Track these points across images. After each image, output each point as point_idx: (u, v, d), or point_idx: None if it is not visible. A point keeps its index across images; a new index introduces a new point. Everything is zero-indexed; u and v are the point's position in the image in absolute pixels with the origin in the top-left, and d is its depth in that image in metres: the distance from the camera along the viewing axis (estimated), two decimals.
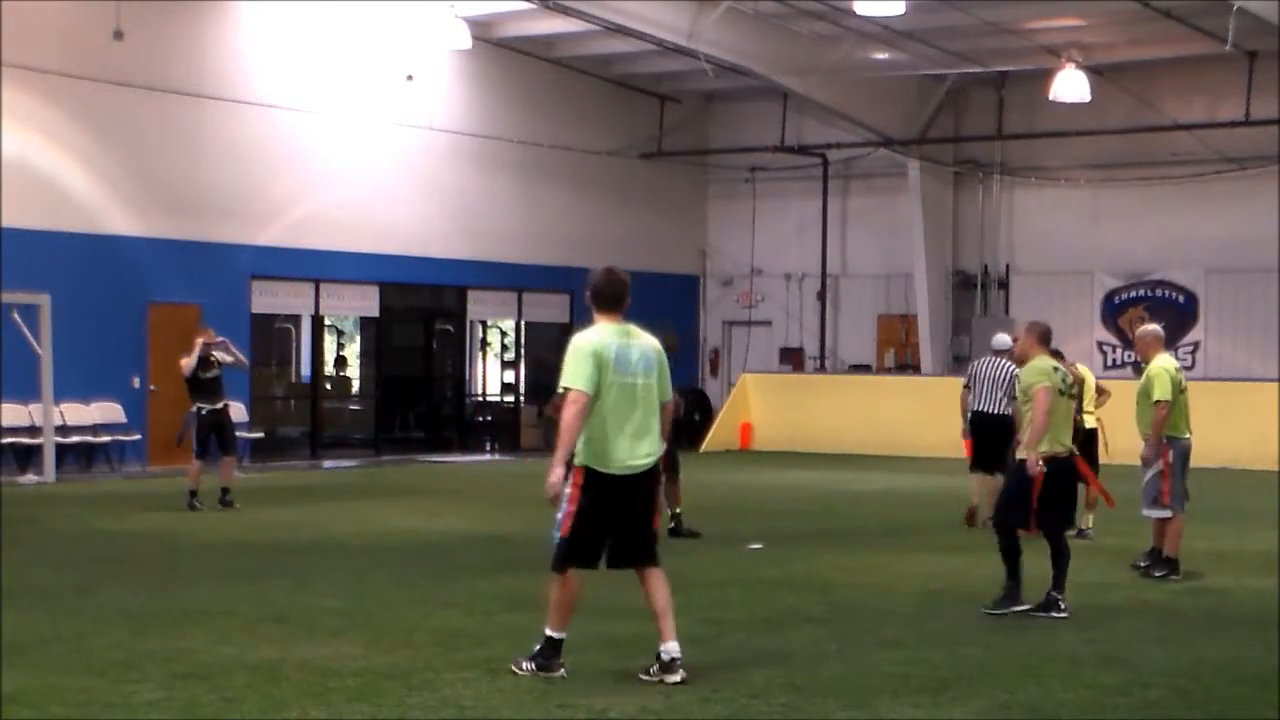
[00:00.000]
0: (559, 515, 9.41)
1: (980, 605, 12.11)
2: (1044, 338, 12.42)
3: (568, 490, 9.34)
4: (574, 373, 9.40)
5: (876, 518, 20.08)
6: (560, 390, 9.45)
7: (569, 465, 9.33)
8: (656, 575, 9.58)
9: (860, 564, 15.21)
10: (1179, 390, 14.09)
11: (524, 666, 9.49)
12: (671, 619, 9.47)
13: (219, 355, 20.42)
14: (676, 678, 9.28)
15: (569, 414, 9.28)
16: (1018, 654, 10.46)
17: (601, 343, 9.59)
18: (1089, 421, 16.89)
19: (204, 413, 20.00)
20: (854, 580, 14.07)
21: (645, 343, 9.91)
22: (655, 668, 9.39)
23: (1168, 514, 14.07)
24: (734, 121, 37.58)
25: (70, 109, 26.94)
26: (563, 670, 9.46)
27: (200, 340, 20.34)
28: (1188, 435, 14.26)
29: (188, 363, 20.10)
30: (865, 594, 13.25)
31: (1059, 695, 9.24)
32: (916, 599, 12.97)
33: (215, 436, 20.05)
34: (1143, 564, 14.38)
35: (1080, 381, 16.22)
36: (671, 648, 9.39)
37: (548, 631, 9.54)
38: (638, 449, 9.44)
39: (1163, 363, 14.21)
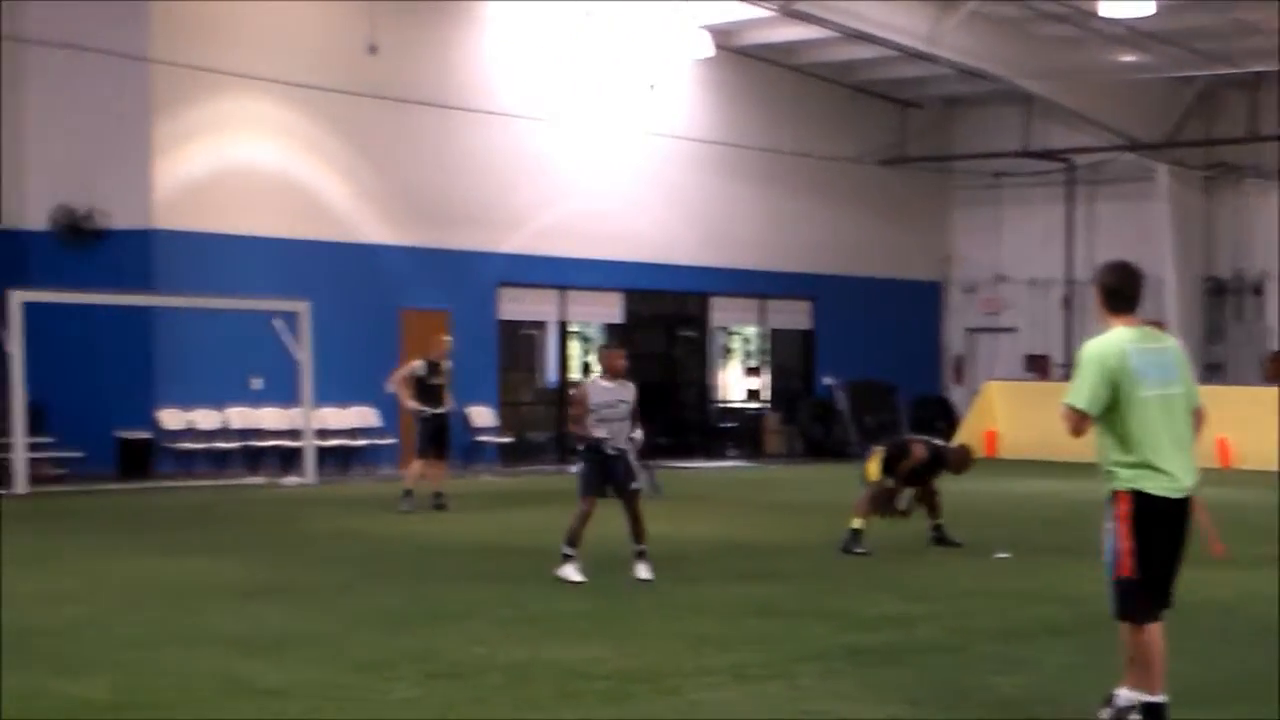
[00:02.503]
0: (1109, 554, 8.12)
1: None
2: None
3: (1110, 525, 8.05)
4: (1075, 387, 8.01)
5: None
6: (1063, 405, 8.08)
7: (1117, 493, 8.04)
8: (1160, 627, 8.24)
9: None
10: None
11: None
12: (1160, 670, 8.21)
13: (447, 365, 20.81)
14: None
15: (1067, 429, 8.08)
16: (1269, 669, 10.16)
17: (1112, 351, 8.02)
18: None
19: (427, 416, 20.39)
20: (1103, 591, 13.78)
21: (1166, 345, 8.25)
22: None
23: None
24: (977, 126, 37.19)
25: (329, 122, 27.64)
26: None
27: (417, 364, 20.66)
28: None
29: (404, 374, 20.57)
30: None
31: None
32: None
33: (436, 442, 20.41)
34: None
35: None
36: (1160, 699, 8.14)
37: (1142, 696, 8.13)
38: (1179, 467, 8.01)
39: None
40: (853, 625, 11.68)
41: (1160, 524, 7.99)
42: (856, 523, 16.05)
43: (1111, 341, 8.03)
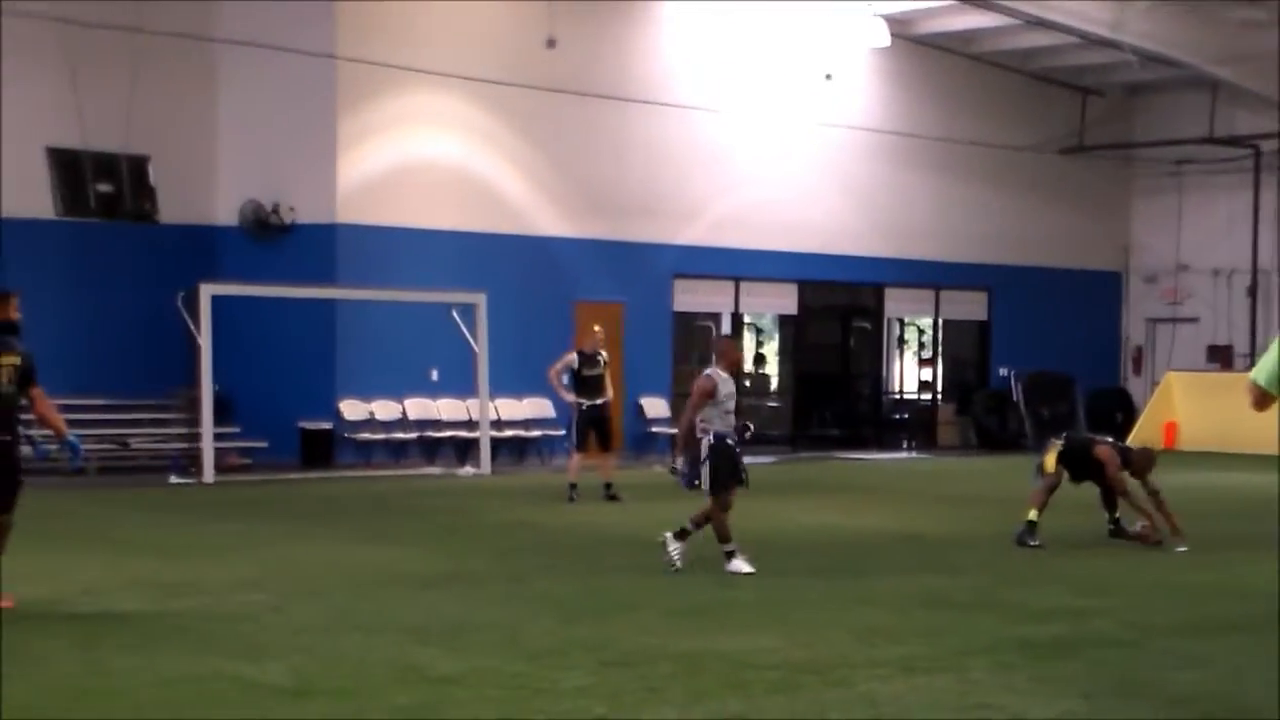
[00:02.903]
0: None
1: None
2: None
3: None
4: (1261, 362, 8.02)
5: None
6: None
7: None
8: None
9: None
10: None
11: None
12: None
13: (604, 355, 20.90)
14: None
15: (1250, 402, 8.01)
16: None
17: None
18: None
19: (584, 408, 20.46)
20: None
21: None
22: None
23: None
24: (1159, 114, 36.53)
25: (507, 116, 27.87)
26: None
27: (571, 356, 20.80)
28: None
29: (559, 368, 20.74)
30: None
31: None
32: None
33: (595, 432, 20.47)
34: None
35: None
36: None
37: None
38: None
39: None
40: (1025, 618, 11.61)
41: None
42: (1031, 514, 15.90)
43: None
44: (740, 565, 13.64)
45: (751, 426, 13.89)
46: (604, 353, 20.92)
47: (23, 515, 11.61)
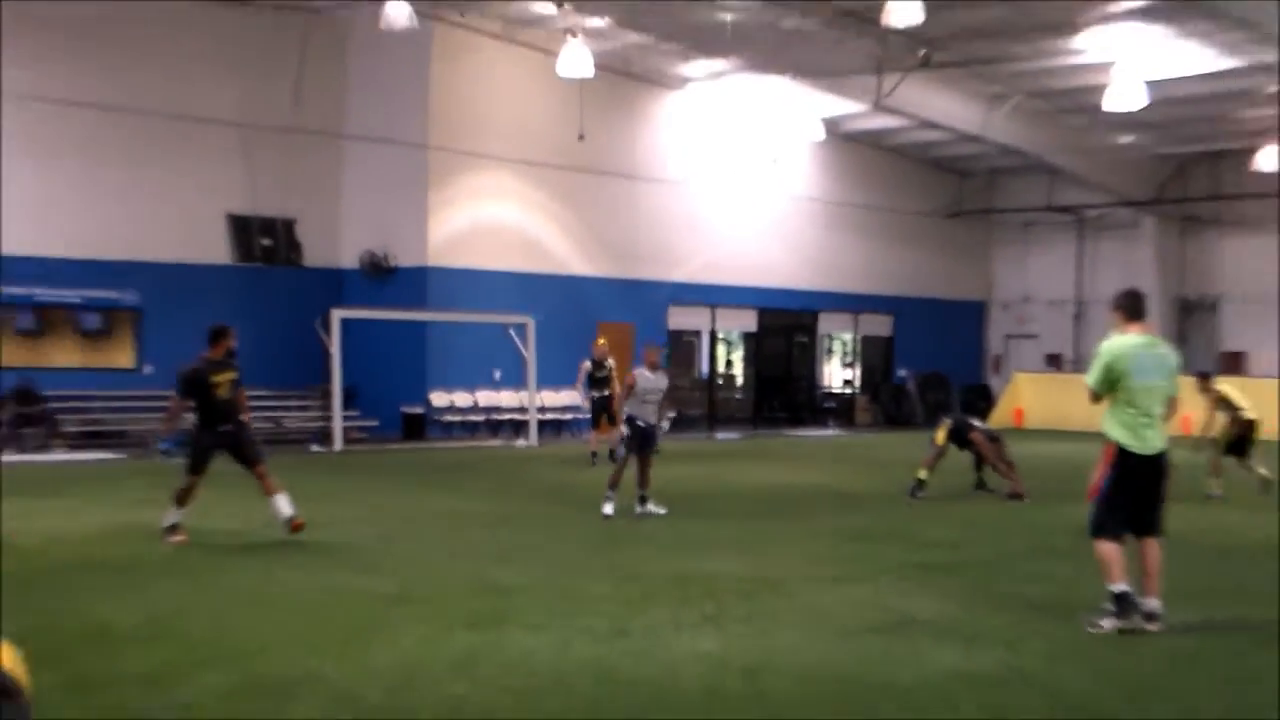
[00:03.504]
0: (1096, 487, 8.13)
1: None
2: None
3: (1101, 468, 8.12)
4: (1090, 372, 8.16)
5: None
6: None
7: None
8: (1154, 543, 8.15)
9: None
10: None
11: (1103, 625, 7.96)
12: (1158, 581, 8.08)
13: (611, 363, 20.91)
14: (1155, 627, 7.95)
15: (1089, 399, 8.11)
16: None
17: (1119, 351, 8.10)
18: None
19: (596, 399, 20.49)
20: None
21: (1162, 351, 8.29)
22: (1138, 617, 7.98)
23: None
24: (1013, 189, 36.62)
25: (551, 190, 27.93)
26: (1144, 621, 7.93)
27: (586, 363, 20.77)
28: None
29: (581, 376, 20.77)
30: None
31: None
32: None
33: (604, 415, 20.30)
34: None
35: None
36: (1155, 604, 8.04)
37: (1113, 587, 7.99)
38: (1152, 434, 8.06)
39: None
40: (918, 547, 11.67)
41: (1134, 472, 8.04)
42: (922, 474, 15.97)
43: (1122, 343, 8.11)
44: (607, 508, 13.28)
45: (674, 414, 13.58)
46: (610, 360, 20.92)
47: (211, 476, 11.71)
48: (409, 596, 8.94)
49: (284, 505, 11.46)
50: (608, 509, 13.29)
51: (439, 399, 26.44)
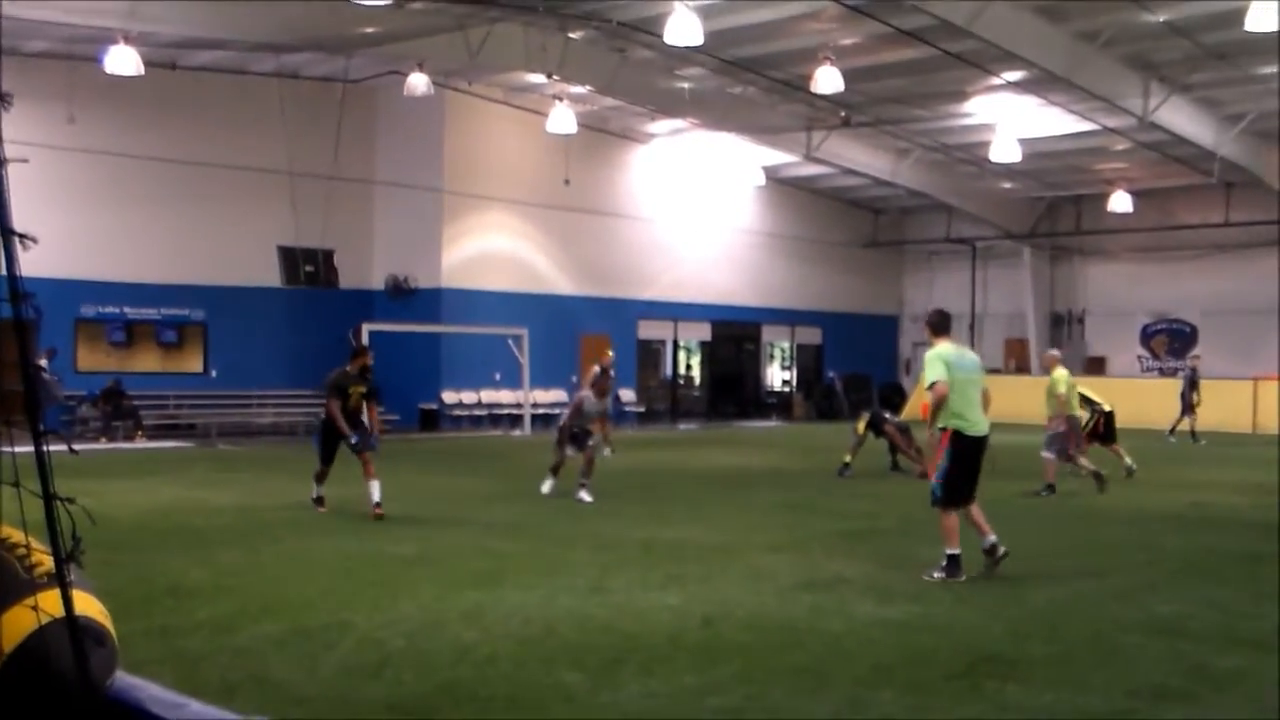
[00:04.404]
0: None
1: None
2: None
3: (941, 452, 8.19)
4: (930, 371, 8.25)
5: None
6: (928, 385, 8.22)
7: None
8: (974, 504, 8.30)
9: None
10: (1071, 386, 13.98)
11: (934, 575, 8.09)
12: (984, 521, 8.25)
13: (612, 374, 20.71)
14: (1004, 549, 8.16)
15: (935, 395, 8.18)
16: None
17: (947, 354, 8.28)
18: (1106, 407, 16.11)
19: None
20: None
21: (970, 353, 8.62)
22: (987, 563, 8.19)
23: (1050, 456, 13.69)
24: (919, 223, 36.63)
25: (539, 226, 27.82)
26: (963, 576, 8.03)
27: (595, 369, 20.51)
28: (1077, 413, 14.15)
29: (587, 381, 20.44)
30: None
31: None
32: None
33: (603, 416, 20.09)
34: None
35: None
36: (993, 537, 8.24)
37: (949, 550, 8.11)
38: (979, 420, 8.30)
39: (1060, 373, 14.08)
40: (841, 518, 11.60)
41: (967, 452, 8.20)
42: (847, 458, 15.94)
43: (944, 348, 8.29)
44: (546, 488, 12.98)
45: (611, 452, 13.16)
46: (612, 371, 20.72)
47: (276, 459, 11.59)
48: (426, 559, 8.86)
49: (375, 491, 11.15)
50: (546, 488, 13.03)
51: (450, 397, 26.31)
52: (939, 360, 8.18)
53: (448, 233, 26.36)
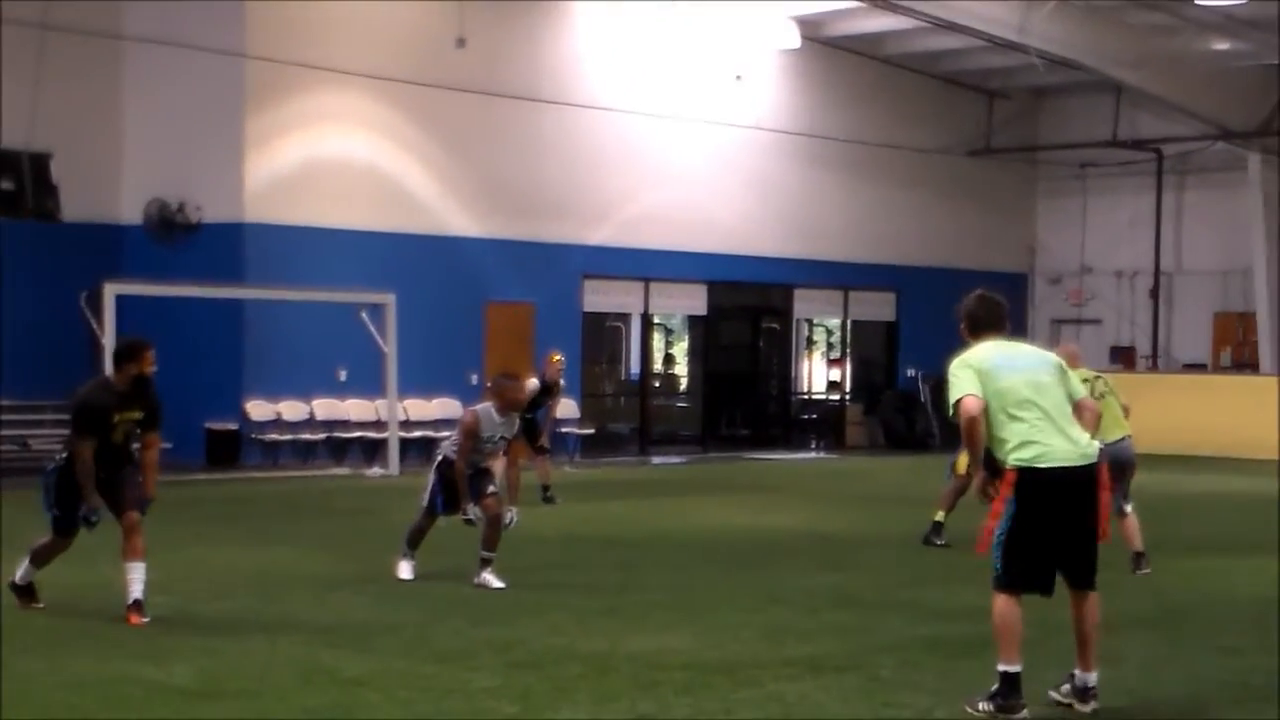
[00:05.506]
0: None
1: None
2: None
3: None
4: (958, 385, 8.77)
5: (1210, 520, 19.52)
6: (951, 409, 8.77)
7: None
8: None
9: (1193, 568, 14.77)
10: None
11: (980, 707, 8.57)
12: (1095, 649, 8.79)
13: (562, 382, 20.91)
14: (1088, 707, 8.64)
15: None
16: None
17: (982, 358, 8.86)
18: None
19: (525, 418, 20.28)
20: (1187, 584, 13.69)
21: (1031, 349, 9.28)
22: (1067, 688, 8.82)
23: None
24: (1064, 116, 36.95)
25: (415, 115, 27.83)
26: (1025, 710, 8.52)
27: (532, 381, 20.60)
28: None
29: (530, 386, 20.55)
30: (1199, 599, 12.87)
31: None
32: (1254, 605, 12.51)
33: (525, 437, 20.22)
34: None
35: None
36: (1091, 677, 8.74)
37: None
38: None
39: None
40: (932, 616, 11.71)
41: (1042, 497, 8.63)
42: (939, 515, 15.98)
43: (984, 351, 8.75)
44: (404, 569, 13.49)
45: (512, 522, 13.32)
46: (562, 380, 20.97)
47: None
48: (216, 691, 8.93)
49: (136, 580, 11.38)
50: (404, 570, 13.39)
51: (259, 410, 26.30)
52: (965, 368, 8.65)
53: (254, 128, 26.29)
